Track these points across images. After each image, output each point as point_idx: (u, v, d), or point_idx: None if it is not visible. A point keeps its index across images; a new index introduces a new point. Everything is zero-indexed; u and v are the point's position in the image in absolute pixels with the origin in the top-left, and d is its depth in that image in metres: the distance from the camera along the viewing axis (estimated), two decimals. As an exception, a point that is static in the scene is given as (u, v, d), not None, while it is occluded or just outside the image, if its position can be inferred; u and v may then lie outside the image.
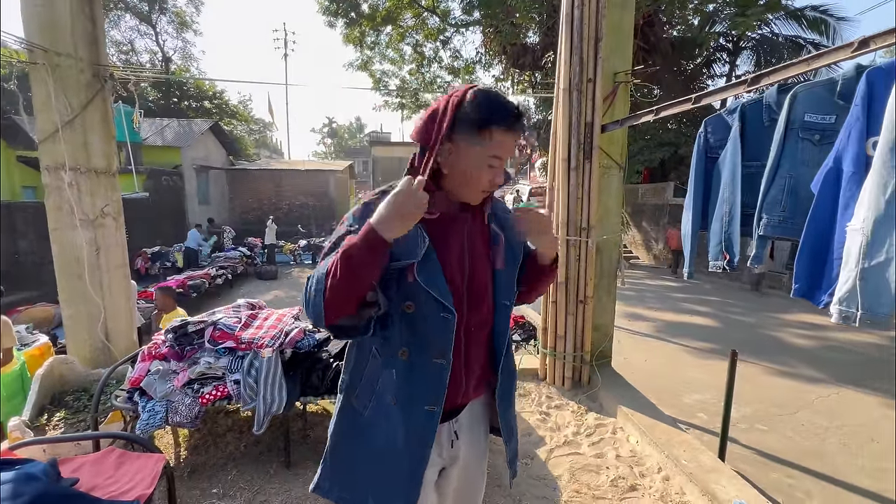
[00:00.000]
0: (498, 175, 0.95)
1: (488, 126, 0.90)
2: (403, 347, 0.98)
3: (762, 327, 6.73)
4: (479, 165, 0.93)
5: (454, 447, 1.08)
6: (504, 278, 1.06)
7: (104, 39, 3.00)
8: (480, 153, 0.92)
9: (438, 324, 0.96)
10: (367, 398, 1.02)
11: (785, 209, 1.51)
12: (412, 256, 0.94)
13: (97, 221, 2.91)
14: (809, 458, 3.27)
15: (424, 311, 0.96)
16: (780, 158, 1.53)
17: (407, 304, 0.96)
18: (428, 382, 0.98)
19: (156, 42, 23.53)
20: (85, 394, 2.75)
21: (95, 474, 1.60)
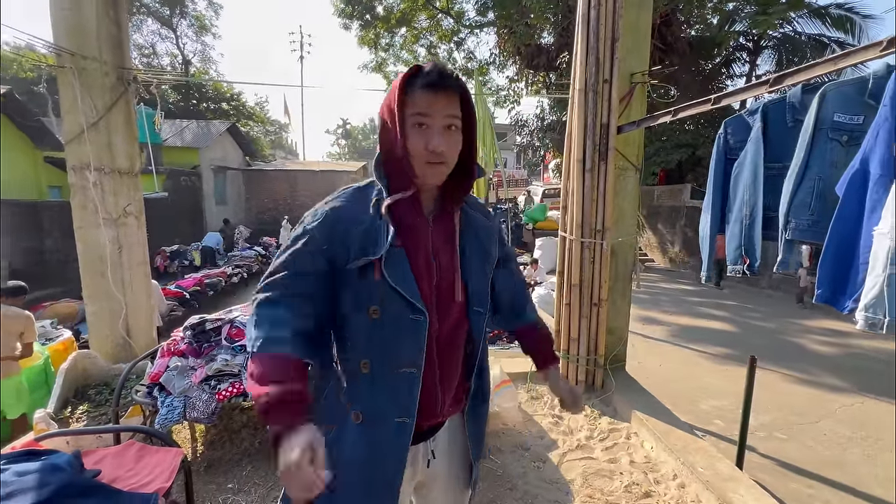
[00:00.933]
0: (430, 138, 0.86)
1: (407, 91, 0.86)
2: (364, 360, 0.90)
3: (782, 333, 6.56)
4: (410, 131, 0.87)
5: (430, 467, 1.01)
6: (476, 285, 0.98)
7: (129, 43, 3.09)
8: (407, 119, 0.87)
9: (408, 328, 0.88)
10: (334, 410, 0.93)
11: (814, 212, 1.46)
12: (374, 252, 0.87)
13: (120, 220, 2.99)
14: (830, 469, 3.18)
15: (392, 314, 0.88)
16: (808, 160, 1.49)
17: (372, 309, 0.87)
18: (396, 395, 0.90)
19: (176, 45, 24.09)
20: (106, 388, 2.84)
21: (117, 466, 1.64)
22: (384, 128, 0.91)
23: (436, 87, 0.85)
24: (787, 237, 1.58)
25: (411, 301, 0.88)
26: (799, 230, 1.55)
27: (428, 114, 0.86)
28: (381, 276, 0.86)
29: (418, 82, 0.86)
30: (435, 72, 0.86)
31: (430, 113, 0.86)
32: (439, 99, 0.86)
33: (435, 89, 0.85)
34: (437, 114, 0.86)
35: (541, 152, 16.25)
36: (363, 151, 49.88)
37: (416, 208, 0.93)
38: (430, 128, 0.87)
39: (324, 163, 24.97)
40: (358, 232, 0.88)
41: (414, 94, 0.86)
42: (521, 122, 15.33)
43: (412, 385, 0.90)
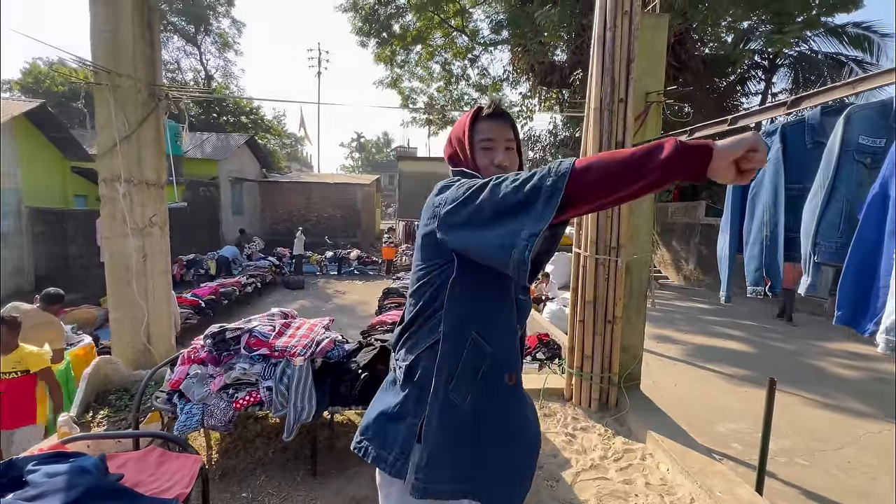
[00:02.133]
0: (495, 155, 1.10)
1: (474, 123, 1.12)
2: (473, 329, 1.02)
3: (801, 355, 6.39)
4: (478, 154, 1.11)
5: None
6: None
7: (160, 61, 3.24)
8: (476, 144, 1.11)
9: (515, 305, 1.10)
10: (469, 386, 1.02)
11: (842, 234, 1.45)
12: None
13: (146, 230, 3.10)
14: (856, 499, 3.07)
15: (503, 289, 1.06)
16: (834, 181, 1.49)
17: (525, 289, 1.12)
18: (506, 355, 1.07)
19: (200, 61, 24.97)
20: (126, 393, 2.90)
21: (139, 471, 1.68)
22: (455, 155, 1.15)
23: (496, 119, 1.11)
24: (816, 260, 1.56)
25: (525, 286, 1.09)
26: (828, 252, 1.53)
27: (492, 138, 1.11)
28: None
29: (482, 116, 1.12)
30: (494, 106, 1.12)
31: (493, 137, 1.11)
32: (499, 127, 1.11)
33: (495, 120, 1.11)
34: (498, 138, 1.11)
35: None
36: (376, 164, 50.56)
37: None
38: (494, 149, 1.11)
39: (338, 175, 25.38)
40: None
41: (479, 125, 1.12)
42: (534, 137, 15.44)
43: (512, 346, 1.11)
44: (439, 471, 1.02)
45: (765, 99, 13.31)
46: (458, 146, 1.14)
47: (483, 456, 1.04)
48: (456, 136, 1.15)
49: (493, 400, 1.05)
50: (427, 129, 18.93)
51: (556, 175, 0.80)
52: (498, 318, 1.06)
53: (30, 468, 1.40)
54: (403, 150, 39.75)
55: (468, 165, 1.12)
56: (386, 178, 34.98)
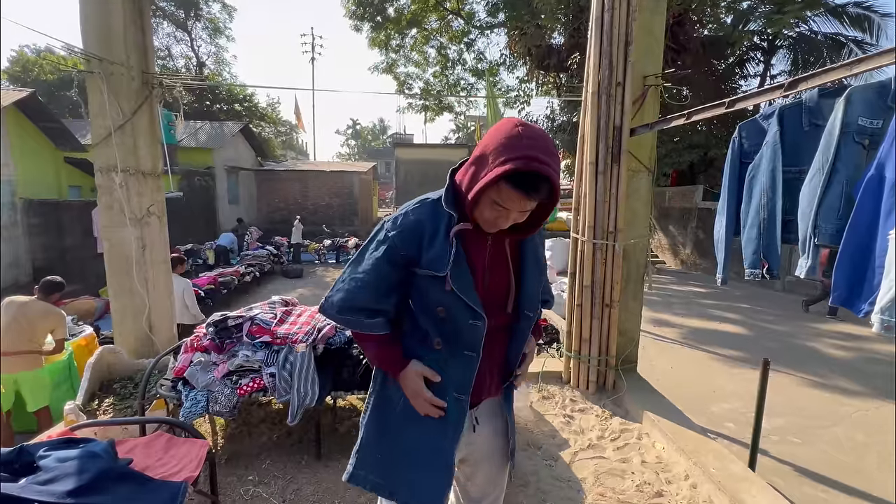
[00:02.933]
0: (501, 220, 0.99)
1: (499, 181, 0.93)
2: (437, 339, 1.09)
3: (795, 336, 6.49)
4: (486, 204, 0.98)
5: (476, 432, 1.19)
6: (529, 290, 1.13)
7: (153, 49, 3.19)
8: (490, 194, 0.96)
9: (467, 329, 1.06)
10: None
11: (842, 217, 1.45)
12: (443, 267, 1.02)
13: (143, 220, 3.09)
14: (846, 474, 3.16)
15: (455, 315, 1.05)
16: (834, 163, 1.48)
17: (439, 309, 1.06)
18: (459, 370, 1.09)
19: (191, 48, 24.49)
20: (130, 382, 2.93)
21: (146, 456, 1.72)
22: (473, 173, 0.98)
23: (527, 190, 0.92)
24: (816, 242, 1.56)
25: (474, 308, 1.04)
26: (828, 234, 1.52)
27: (508, 208, 0.96)
28: (451, 288, 1.02)
29: (512, 179, 0.91)
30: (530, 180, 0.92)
31: (509, 207, 0.96)
32: (525, 201, 0.94)
33: (526, 192, 0.93)
34: (515, 209, 0.96)
35: (555, 153, 16.21)
36: (372, 152, 50.14)
37: (480, 232, 1.06)
38: (504, 215, 0.98)
39: (334, 163, 25.20)
40: (431, 245, 1.04)
41: (503, 184, 0.93)
42: (532, 122, 15.32)
43: (471, 364, 1.09)
44: (364, 459, 1.14)
45: (763, 81, 13.20)
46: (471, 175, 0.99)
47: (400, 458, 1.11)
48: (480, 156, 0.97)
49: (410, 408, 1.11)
50: (423, 115, 18.71)
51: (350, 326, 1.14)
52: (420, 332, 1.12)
53: (41, 454, 1.42)
54: (400, 136, 39.39)
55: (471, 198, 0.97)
56: (382, 165, 34.74)
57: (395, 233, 1.05)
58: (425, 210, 1.07)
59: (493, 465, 1.24)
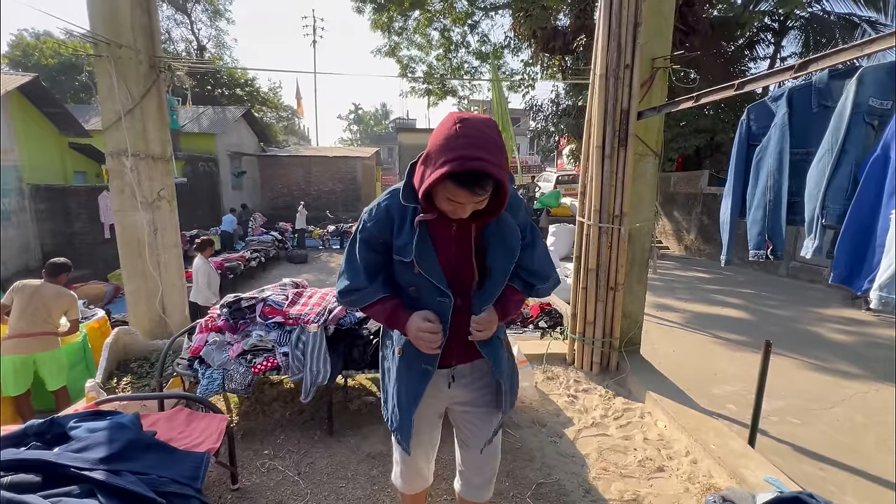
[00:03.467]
0: (459, 211, 1.07)
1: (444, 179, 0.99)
2: None
3: (797, 321, 6.53)
4: (442, 198, 1.06)
5: (451, 388, 1.34)
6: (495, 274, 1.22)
7: (159, 32, 3.18)
8: (441, 190, 1.04)
9: (436, 305, 1.20)
10: (388, 350, 1.36)
11: (849, 197, 1.45)
12: (409, 253, 1.15)
13: (154, 204, 3.14)
14: (844, 453, 3.23)
15: (425, 294, 1.20)
16: (844, 144, 1.48)
17: (410, 289, 1.21)
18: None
19: (191, 31, 24.20)
20: (146, 362, 3.02)
21: (169, 429, 1.79)
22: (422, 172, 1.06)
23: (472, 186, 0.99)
24: (824, 222, 1.57)
25: (439, 286, 1.17)
26: (835, 215, 1.53)
27: (460, 202, 1.04)
28: (418, 271, 1.16)
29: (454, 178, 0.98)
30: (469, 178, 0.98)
31: (461, 201, 1.04)
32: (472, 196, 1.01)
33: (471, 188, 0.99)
34: (468, 202, 1.04)
35: (555, 138, 16.04)
36: (375, 137, 49.76)
37: (444, 218, 1.14)
38: (460, 208, 1.06)
39: (337, 148, 25.07)
40: (402, 233, 1.16)
41: (447, 184, 1.00)
42: (536, 106, 15.11)
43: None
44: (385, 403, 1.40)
45: (773, 64, 12.94)
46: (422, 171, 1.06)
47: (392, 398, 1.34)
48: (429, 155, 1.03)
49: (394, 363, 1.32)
50: (427, 99, 18.49)
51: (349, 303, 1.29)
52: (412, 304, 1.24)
53: (72, 425, 1.50)
54: (403, 121, 39.02)
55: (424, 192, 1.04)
56: (385, 150, 34.53)
57: (371, 223, 1.19)
58: (394, 199, 1.19)
59: (475, 415, 1.38)
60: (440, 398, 1.36)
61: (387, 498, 2.03)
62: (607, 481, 2.20)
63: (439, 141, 1.00)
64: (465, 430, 1.42)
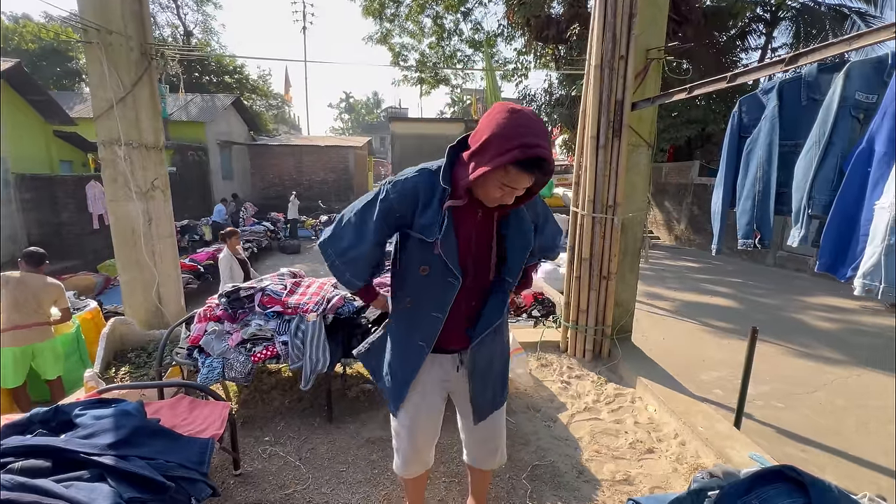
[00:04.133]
0: (507, 197, 1.13)
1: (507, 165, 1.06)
2: (409, 298, 1.31)
3: (783, 309, 6.70)
4: (494, 185, 1.11)
5: (459, 372, 1.39)
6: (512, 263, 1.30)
7: (150, 18, 3.13)
8: (497, 176, 1.09)
9: (445, 287, 1.25)
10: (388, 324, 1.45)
11: (835, 189, 1.51)
12: (433, 234, 1.19)
13: (148, 194, 3.11)
14: (826, 435, 3.36)
15: (436, 274, 1.24)
16: (831, 137, 1.54)
17: (423, 267, 1.24)
18: (424, 328, 1.30)
19: (177, 16, 23.57)
20: (144, 352, 3.03)
21: (173, 416, 1.82)
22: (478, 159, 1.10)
23: (531, 169, 1.07)
24: (811, 213, 1.63)
25: (452, 268, 1.22)
26: (822, 205, 1.59)
27: (515, 188, 1.11)
28: (438, 251, 1.20)
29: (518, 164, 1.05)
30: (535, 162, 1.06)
31: (516, 187, 1.11)
32: (527, 178, 1.10)
33: (530, 170, 1.07)
34: (520, 187, 1.11)
35: (548, 128, 16.05)
36: (367, 126, 49.25)
37: (470, 205, 1.22)
38: (510, 193, 1.13)
39: (328, 137, 24.76)
40: (426, 213, 1.20)
41: (509, 170, 1.07)
42: (529, 96, 15.07)
43: (436, 324, 1.29)
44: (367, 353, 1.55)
45: (764, 54, 13.03)
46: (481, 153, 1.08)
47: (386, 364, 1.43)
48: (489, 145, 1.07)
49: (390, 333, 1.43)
50: (419, 87, 18.32)
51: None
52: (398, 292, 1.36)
53: (77, 412, 1.52)
54: (395, 110, 38.65)
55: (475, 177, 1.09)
56: (377, 139, 34.21)
57: (395, 195, 1.21)
58: (423, 179, 1.22)
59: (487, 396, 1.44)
60: (449, 381, 1.40)
61: (387, 481, 2.09)
62: (599, 463, 2.28)
63: (497, 130, 1.05)
64: (464, 403, 1.47)
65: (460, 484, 2.06)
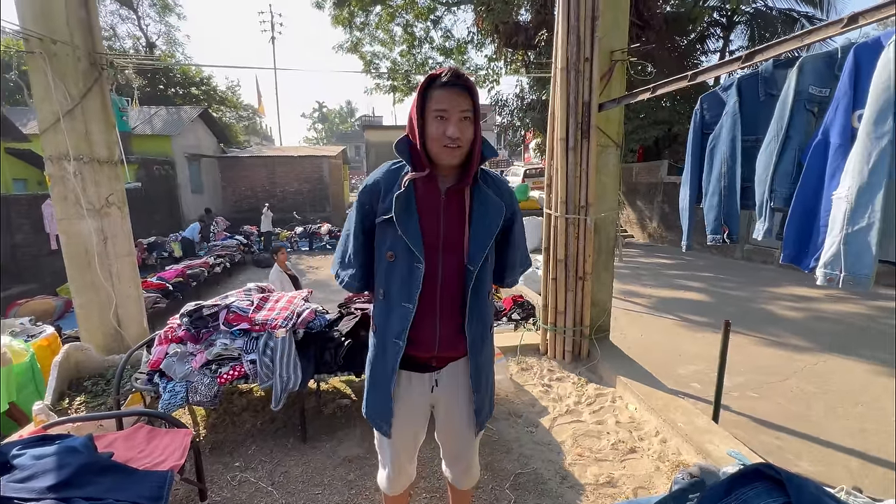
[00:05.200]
0: (448, 127, 1.11)
1: (427, 90, 1.13)
2: (381, 290, 1.27)
3: (753, 301, 6.91)
4: (431, 122, 1.13)
5: (434, 392, 1.33)
6: (474, 247, 1.22)
7: (99, 27, 2.98)
8: (429, 112, 1.12)
9: (410, 272, 1.19)
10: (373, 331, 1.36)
11: (795, 181, 1.54)
12: (391, 211, 1.17)
13: (103, 211, 2.94)
14: (798, 422, 3.44)
15: (401, 259, 1.20)
16: (788, 131, 1.57)
17: (389, 254, 1.21)
18: (397, 320, 1.23)
19: (138, 27, 22.87)
20: (102, 379, 2.84)
21: (128, 448, 1.69)
22: (410, 123, 1.17)
23: (451, 87, 1.10)
24: (772, 206, 1.66)
25: (413, 251, 1.17)
26: (782, 198, 1.62)
27: (446, 108, 1.11)
28: (395, 227, 1.17)
29: (437, 83, 1.11)
30: (450, 74, 1.11)
31: (447, 108, 1.11)
32: (454, 96, 1.11)
33: (451, 88, 1.10)
34: (453, 108, 1.11)
35: (521, 132, 16.23)
36: (341, 135, 48.83)
37: (433, 183, 1.21)
38: (447, 119, 1.11)
39: (302, 148, 24.38)
40: (388, 197, 1.19)
41: (433, 93, 1.12)
42: (502, 101, 15.24)
43: (407, 315, 1.22)
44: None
45: (723, 56, 13.58)
46: (413, 114, 1.15)
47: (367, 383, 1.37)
48: (413, 104, 1.16)
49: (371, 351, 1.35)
50: (392, 95, 18.28)
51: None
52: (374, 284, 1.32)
53: (15, 453, 1.38)
54: (369, 119, 38.50)
55: (414, 136, 1.15)
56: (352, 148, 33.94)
57: (363, 194, 1.26)
58: (383, 171, 1.27)
59: (453, 423, 1.38)
60: (425, 397, 1.35)
61: (365, 501, 2.00)
62: (583, 466, 2.25)
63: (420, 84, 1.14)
64: (443, 436, 1.43)
65: (441, 499, 2.00)
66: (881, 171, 1.21)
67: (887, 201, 1.22)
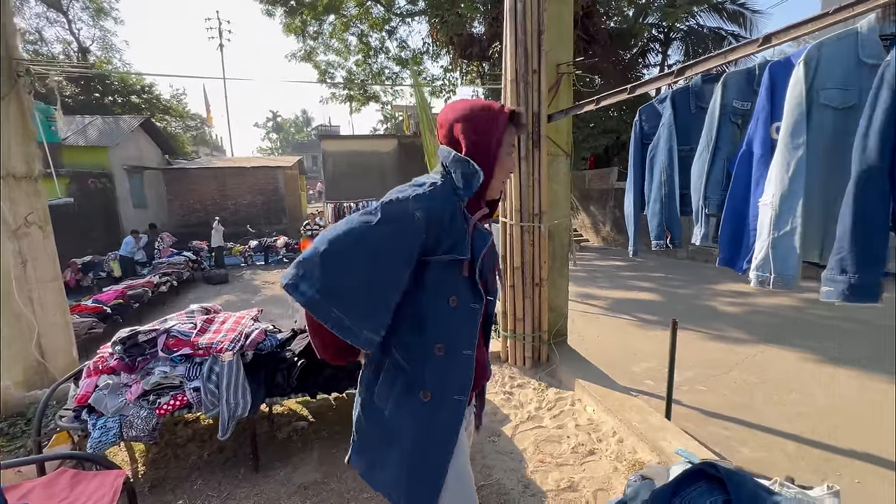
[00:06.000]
0: (510, 162, 1.15)
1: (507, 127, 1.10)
2: (439, 343, 1.05)
3: (698, 298, 7.35)
4: (505, 157, 1.11)
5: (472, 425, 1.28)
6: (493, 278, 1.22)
7: (14, 30, 2.72)
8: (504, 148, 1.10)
9: (470, 315, 1.08)
10: (385, 398, 1.09)
11: (725, 189, 1.66)
12: (463, 253, 1.03)
13: (21, 231, 2.66)
14: (742, 411, 3.66)
15: (464, 302, 1.06)
16: (717, 142, 1.68)
17: (452, 298, 1.05)
18: (459, 373, 1.08)
19: (69, 31, 21.30)
20: (21, 418, 2.55)
21: (47, 498, 1.51)
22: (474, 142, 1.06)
23: (520, 127, 1.16)
24: (707, 212, 1.77)
25: (479, 290, 1.08)
26: (716, 204, 1.74)
27: (514, 144, 1.21)
28: (470, 274, 1.06)
29: (514, 121, 1.13)
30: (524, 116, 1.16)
31: (514, 144, 1.21)
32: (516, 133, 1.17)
33: (520, 129, 1.17)
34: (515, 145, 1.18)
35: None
36: (297, 145, 47.69)
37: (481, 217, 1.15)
38: (512, 155, 1.16)
39: (255, 158, 23.51)
40: (452, 229, 1.04)
41: (511, 129, 1.13)
42: (458, 111, 15.47)
43: (470, 364, 1.09)
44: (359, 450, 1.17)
45: (662, 70, 14.55)
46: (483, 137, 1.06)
47: (388, 458, 1.09)
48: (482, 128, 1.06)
49: (407, 413, 1.06)
50: (348, 105, 18.06)
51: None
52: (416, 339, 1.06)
53: None
54: (325, 128, 37.85)
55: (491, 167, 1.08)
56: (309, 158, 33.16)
57: (421, 214, 0.98)
58: (440, 195, 1.04)
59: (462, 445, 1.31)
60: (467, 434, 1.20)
61: (323, 530, 1.90)
62: (544, 473, 2.26)
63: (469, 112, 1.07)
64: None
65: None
66: (800, 179, 1.31)
67: (807, 207, 1.32)
